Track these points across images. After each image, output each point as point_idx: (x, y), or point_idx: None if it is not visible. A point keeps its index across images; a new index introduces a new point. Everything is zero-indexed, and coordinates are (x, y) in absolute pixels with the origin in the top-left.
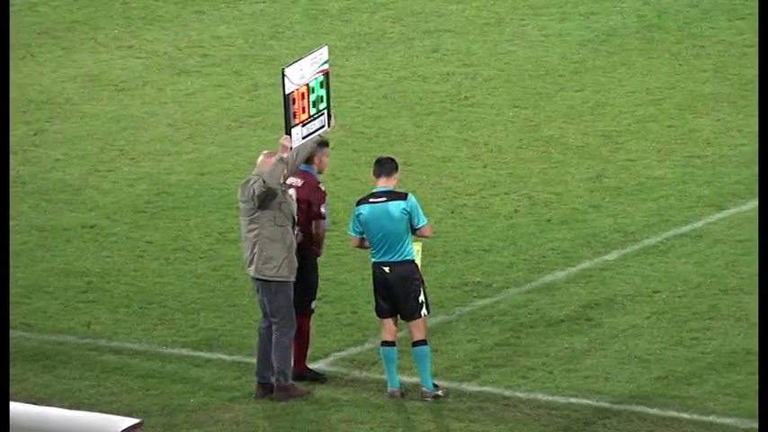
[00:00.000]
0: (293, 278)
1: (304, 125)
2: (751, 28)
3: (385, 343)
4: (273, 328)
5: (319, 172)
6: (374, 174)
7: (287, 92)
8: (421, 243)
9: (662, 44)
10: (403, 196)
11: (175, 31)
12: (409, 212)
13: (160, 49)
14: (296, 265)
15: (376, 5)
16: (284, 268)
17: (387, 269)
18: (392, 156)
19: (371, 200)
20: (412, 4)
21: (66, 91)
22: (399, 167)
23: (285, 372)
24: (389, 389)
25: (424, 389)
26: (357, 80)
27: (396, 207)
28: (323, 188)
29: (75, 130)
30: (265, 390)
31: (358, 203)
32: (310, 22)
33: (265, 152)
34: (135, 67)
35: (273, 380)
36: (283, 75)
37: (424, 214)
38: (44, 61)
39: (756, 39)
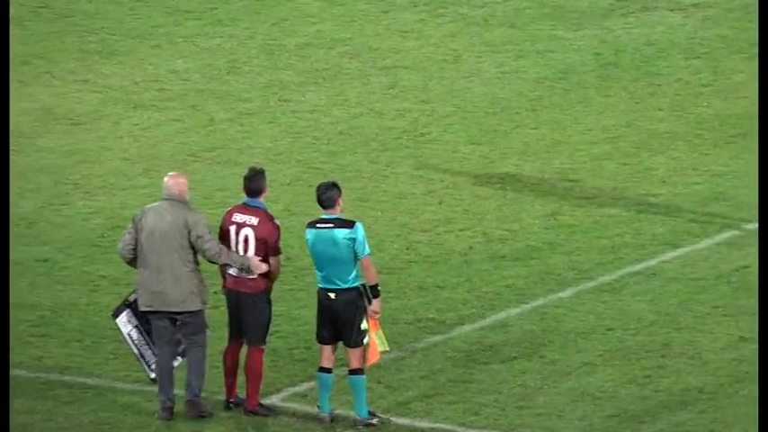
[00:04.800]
0: None
1: None
2: (707, 67)
3: (322, 369)
4: (195, 346)
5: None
6: (318, 204)
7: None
8: (380, 330)
9: (618, 82)
10: (350, 224)
11: (132, 65)
12: (354, 240)
13: (116, 83)
14: None
15: (333, 41)
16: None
17: (332, 295)
18: (333, 181)
19: (318, 225)
20: (369, 41)
21: (21, 124)
22: (341, 192)
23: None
24: (321, 414)
25: (357, 417)
26: (313, 116)
27: (341, 234)
28: (278, 222)
29: (30, 164)
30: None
31: (307, 226)
32: (267, 58)
33: (171, 173)
34: (90, 101)
35: (190, 396)
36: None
37: (370, 246)
38: None
39: (712, 78)
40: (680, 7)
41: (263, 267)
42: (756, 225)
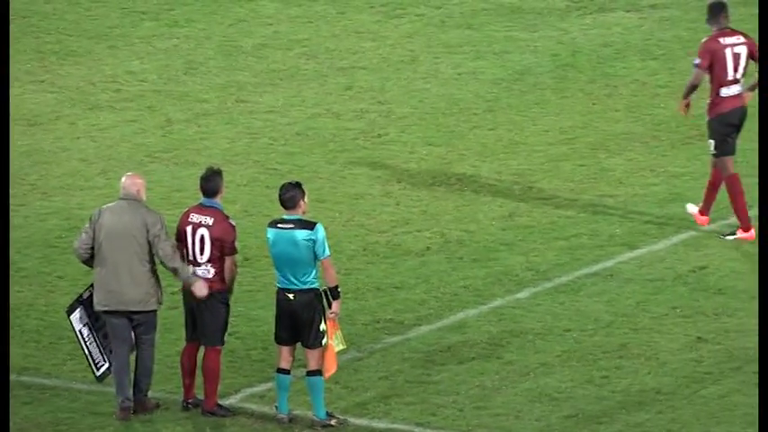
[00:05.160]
0: None
1: None
2: (664, 68)
3: (280, 370)
4: (146, 345)
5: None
6: (280, 204)
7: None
8: (339, 331)
9: (575, 83)
10: (310, 226)
11: (89, 65)
12: (314, 242)
13: (73, 84)
14: None
15: (290, 42)
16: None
17: (291, 296)
18: (296, 181)
19: (279, 225)
20: (326, 42)
21: None
22: (305, 192)
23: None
24: (279, 415)
25: (315, 418)
26: (270, 116)
27: (301, 235)
28: (233, 222)
29: None
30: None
31: (268, 225)
32: (224, 59)
33: (129, 174)
34: (47, 102)
35: (138, 394)
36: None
37: (330, 248)
38: None
39: (668, 79)
40: (636, 8)
41: (205, 293)
42: (714, 226)
